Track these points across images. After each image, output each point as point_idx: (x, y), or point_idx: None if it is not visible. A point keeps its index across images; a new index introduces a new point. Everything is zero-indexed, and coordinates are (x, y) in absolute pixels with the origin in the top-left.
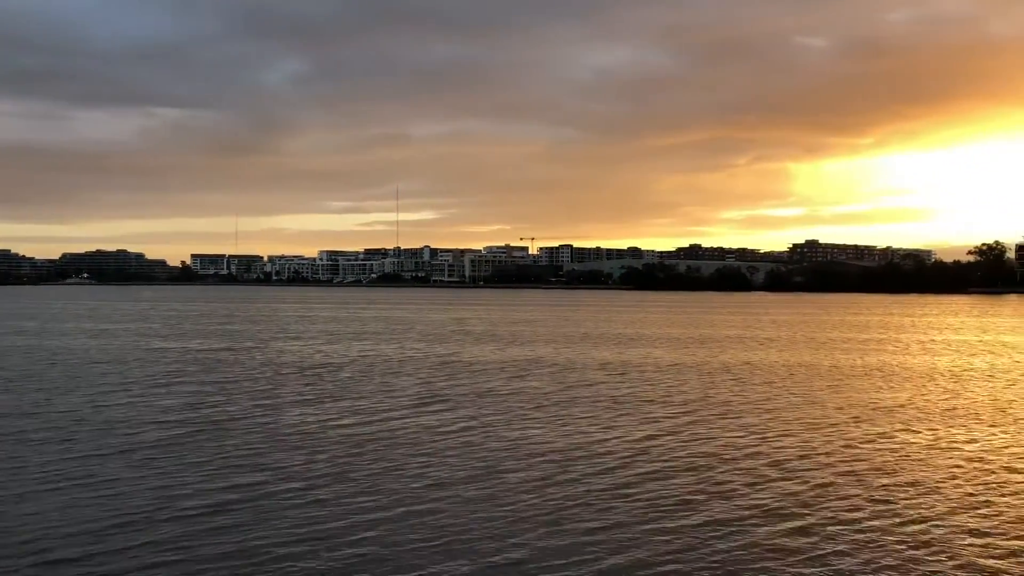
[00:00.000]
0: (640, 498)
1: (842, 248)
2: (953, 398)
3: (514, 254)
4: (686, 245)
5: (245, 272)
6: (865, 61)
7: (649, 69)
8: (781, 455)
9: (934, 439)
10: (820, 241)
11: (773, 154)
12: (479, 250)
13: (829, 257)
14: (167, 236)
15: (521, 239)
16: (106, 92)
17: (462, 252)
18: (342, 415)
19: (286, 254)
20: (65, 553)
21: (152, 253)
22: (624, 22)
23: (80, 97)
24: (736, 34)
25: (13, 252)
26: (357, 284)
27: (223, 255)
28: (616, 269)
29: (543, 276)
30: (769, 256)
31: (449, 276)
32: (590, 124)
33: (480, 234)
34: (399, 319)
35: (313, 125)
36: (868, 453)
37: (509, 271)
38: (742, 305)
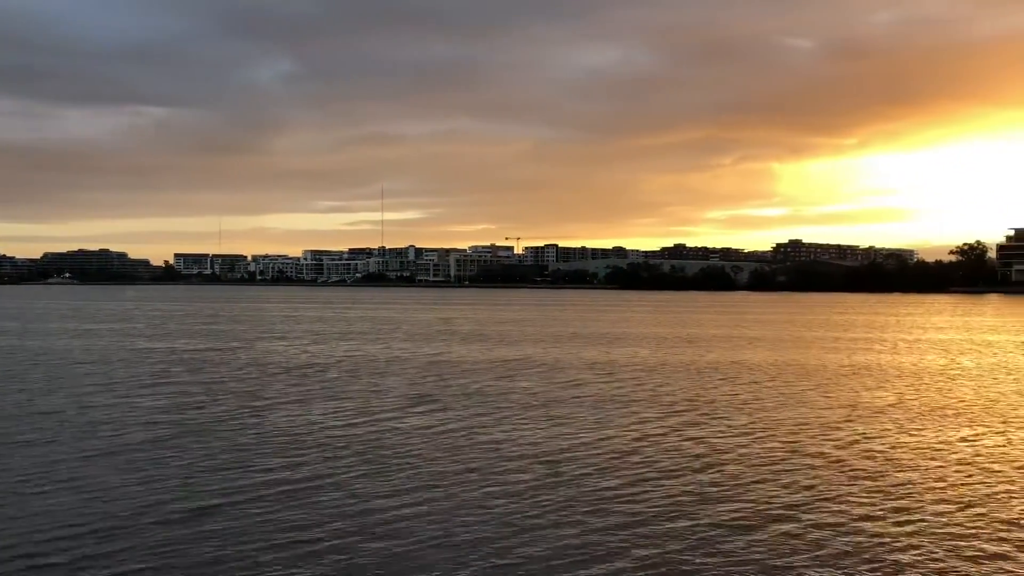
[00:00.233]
0: (630, 499)
1: (825, 248)
2: (940, 397)
3: (499, 254)
4: (671, 245)
5: (229, 272)
6: (849, 62)
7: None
8: (770, 455)
9: (922, 438)
10: (803, 241)
11: (758, 154)
12: (464, 250)
13: (812, 257)
14: (150, 236)
15: (507, 239)
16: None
17: (447, 252)
18: (329, 416)
19: (270, 254)
20: (48, 557)
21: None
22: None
23: (65, 95)
24: (722, 35)
25: None
26: (342, 284)
27: (207, 255)
28: (601, 269)
29: (528, 276)
30: (753, 256)
31: (434, 276)
32: (576, 124)
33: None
34: (385, 319)
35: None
36: (857, 453)
37: (494, 271)
38: (727, 305)
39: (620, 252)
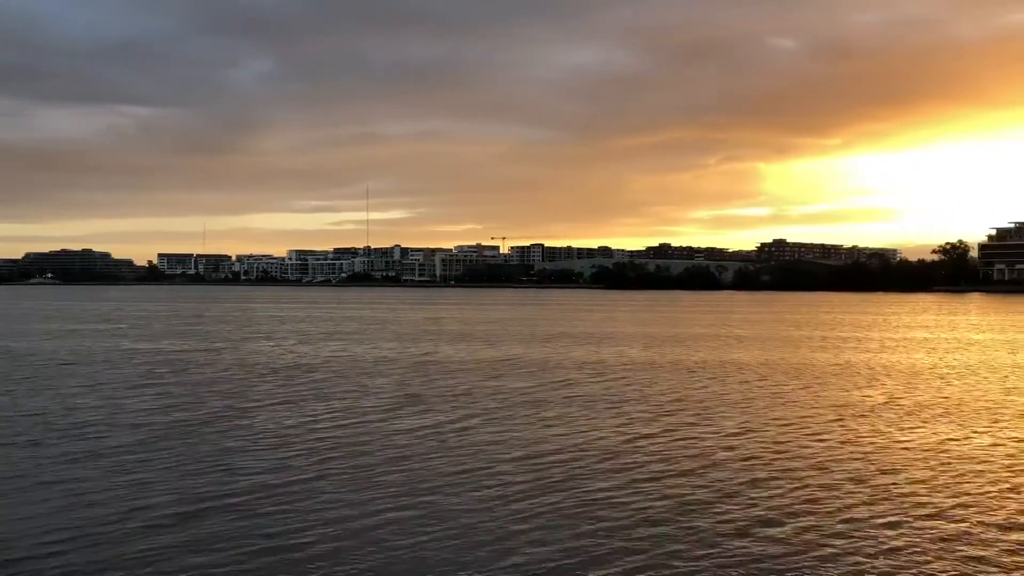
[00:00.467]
0: (621, 500)
1: (809, 247)
2: (926, 395)
3: (485, 253)
4: (656, 244)
5: (213, 272)
6: (833, 63)
7: (620, 70)
8: (758, 454)
9: (913, 437)
10: (788, 240)
11: (742, 154)
12: (450, 249)
13: (796, 256)
14: (134, 236)
15: (492, 238)
16: (73, 90)
17: (433, 251)
18: (317, 418)
19: (255, 254)
20: (33, 563)
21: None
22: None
23: (47, 94)
24: (706, 35)
25: None
26: (327, 284)
27: (191, 255)
28: (587, 268)
29: (514, 275)
30: (737, 255)
31: (420, 275)
32: (561, 124)
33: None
34: (371, 319)
35: (283, 124)
36: (845, 452)
37: (480, 270)
38: (712, 304)
39: (606, 252)
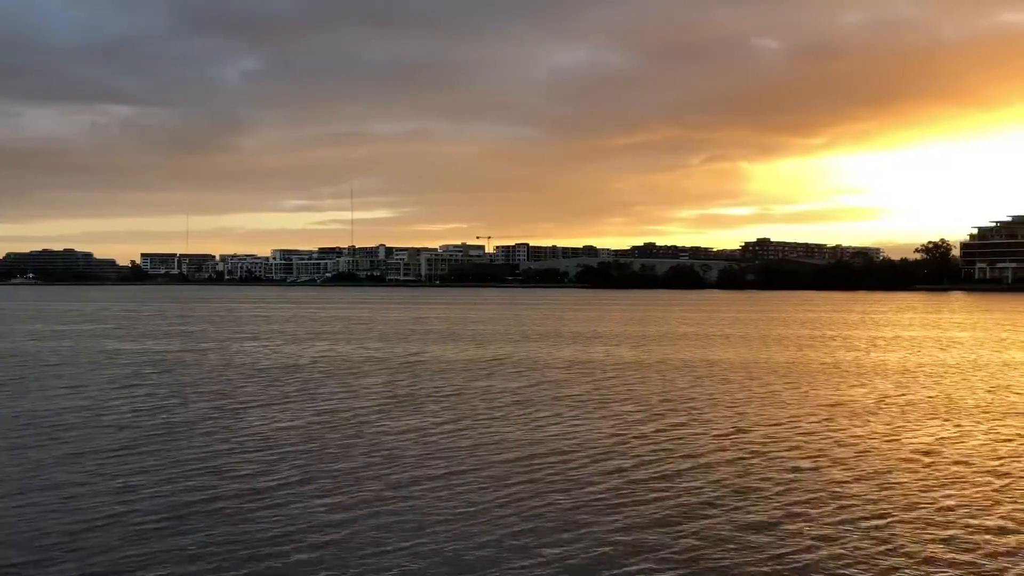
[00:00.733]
0: (607, 498)
1: (793, 247)
2: (912, 394)
3: (470, 253)
4: (641, 244)
5: (197, 272)
6: (817, 63)
7: (605, 69)
8: (746, 453)
9: (895, 435)
10: (772, 240)
11: (727, 154)
12: (435, 249)
13: (780, 255)
14: (116, 235)
15: (477, 238)
16: (56, 88)
17: (418, 251)
18: (304, 417)
19: (238, 253)
20: (15, 570)
21: (101, 252)
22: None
23: (29, 93)
24: (691, 35)
25: None
26: (311, 283)
27: (174, 254)
28: (572, 268)
29: (500, 275)
30: (722, 255)
31: (405, 275)
32: (546, 124)
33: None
34: (357, 318)
35: (267, 123)
36: (831, 450)
37: (465, 270)
38: (697, 303)
39: (591, 251)
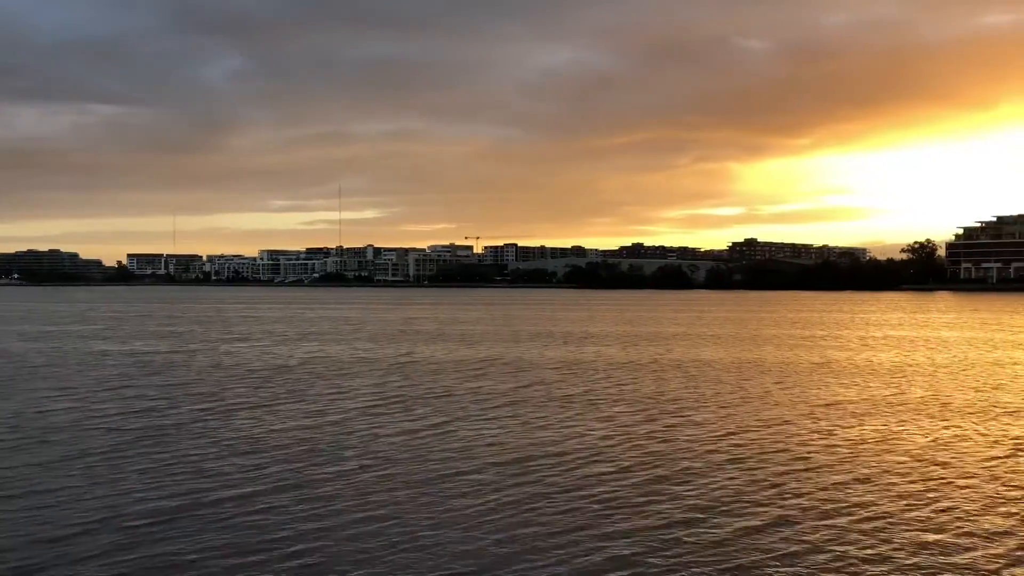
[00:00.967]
0: (600, 499)
1: (780, 247)
2: (900, 393)
3: (459, 253)
4: (629, 244)
5: (183, 272)
6: (804, 63)
7: (593, 70)
8: (737, 452)
9: (885, 434)
10: (759, 240)
11: (714, 154)
12: (423, 249)
13: (767, 255)
14: (102, 236)
15: (466, 238)
16: (40, 87)
17: (406, 251)
18: (295, 419)
19: (225, 253)
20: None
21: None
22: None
23: (12, 92)
24: (678, 36)
25: None
26: (299, 284)
27: (160, 255)
28: (560, 268)
29: (488, 275)
30: (709, 255)
31: (393, 275)
32: (534, 124)
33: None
34: (346, 319)
35: (254, 123)
36: (822, 448)
37: (454, 270)
38: (686, 303)
39: (579, 251)
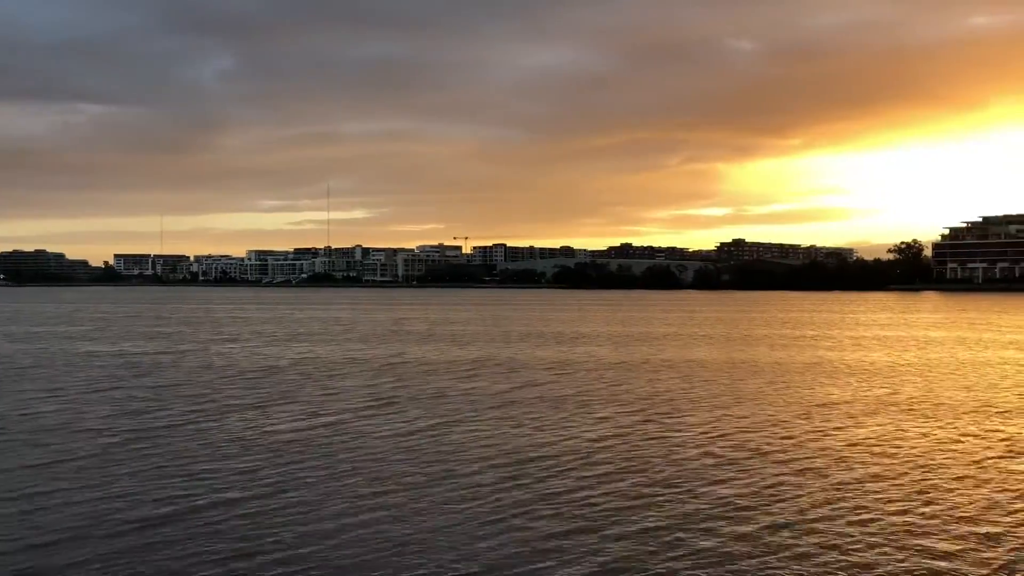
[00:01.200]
0: (594, 499)
1: (767, 247)
2: (892, 393)
3: (447, 253)
4: (618, 244)
5: (171, 272)
6: (792, 64)
7: (582, 70)
8: (731, 453)
9: (880, 433)
10: (747, 240)
11: (703, 155)
12: (412, 249)
13: (755, 255)
14: (89, 236)
15: (455, 238)
16: (28, 86)
17: (395, 252)
18: (285, 421)
19: (213, 254)
20: None
21: (73, 253)
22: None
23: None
24: (667, 36)
25: None
26: (287, 284)
27: (148, 255)
28: (549, 268)
29: (477, 275)
30: (698, 255)
31: (382, 276)
32: (523, 124)
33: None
34: (336, 320)
35: (243, 123)
36: (814, 449)
37: (442, 270)
38: (675, 303)
39: (568, 252)
